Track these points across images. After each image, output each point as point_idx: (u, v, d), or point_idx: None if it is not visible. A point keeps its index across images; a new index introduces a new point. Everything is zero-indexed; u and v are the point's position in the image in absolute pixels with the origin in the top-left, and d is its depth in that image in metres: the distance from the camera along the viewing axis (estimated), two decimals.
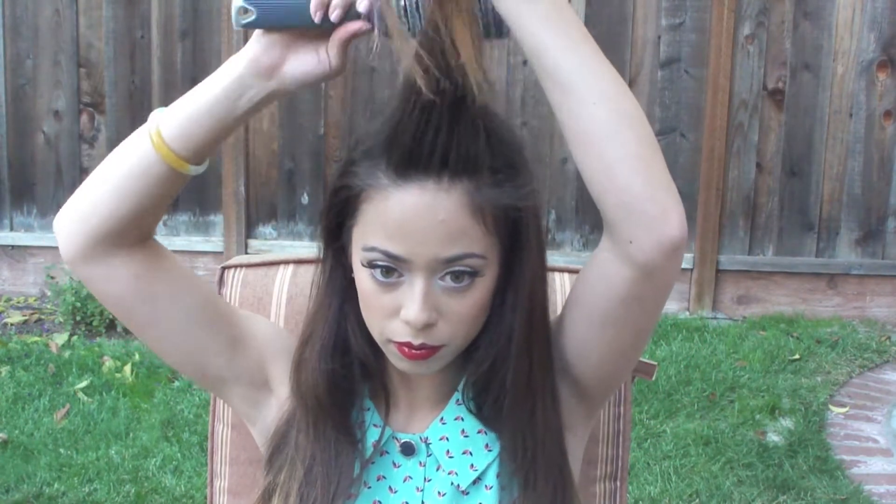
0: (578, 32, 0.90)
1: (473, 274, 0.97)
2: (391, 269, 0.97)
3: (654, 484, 2.99)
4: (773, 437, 3.31)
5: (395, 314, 0.98)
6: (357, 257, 0.99)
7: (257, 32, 0.95)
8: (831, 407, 3.54)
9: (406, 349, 0.99)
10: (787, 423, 3.40)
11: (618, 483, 1.35)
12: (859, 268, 4.48)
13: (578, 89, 0.89)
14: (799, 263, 4.51)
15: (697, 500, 2.95)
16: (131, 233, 1.00)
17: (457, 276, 0.97)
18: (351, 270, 1.04)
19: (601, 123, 0.89)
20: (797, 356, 3.94)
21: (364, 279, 0.99)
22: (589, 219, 4.47)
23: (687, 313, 4.47)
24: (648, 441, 3.23)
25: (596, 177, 0.90)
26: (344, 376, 1.06)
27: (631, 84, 4.45)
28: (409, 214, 0.94)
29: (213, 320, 1.07)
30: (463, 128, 0.94)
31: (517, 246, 1.01)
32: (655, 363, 1.26)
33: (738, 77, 4.41)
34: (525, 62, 4.41)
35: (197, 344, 1.07)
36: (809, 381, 3.73)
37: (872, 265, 4.49)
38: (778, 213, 4.51)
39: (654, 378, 1.24)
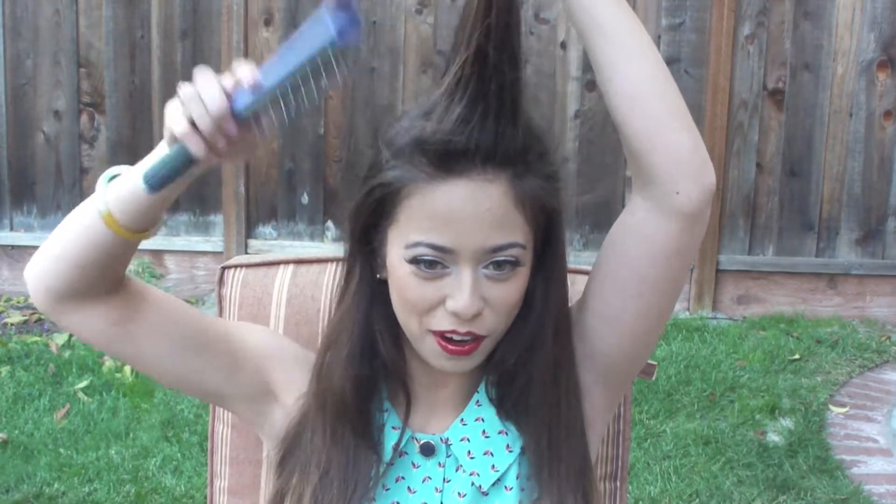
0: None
1: (514, 263, 0.98)
2: (435, 261, 0.97)
3: (654, 484, 2.99)
4: (773, 437, 3.31)
5: (438, 305, 0.99)
6: (397, 256, 0.99)
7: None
8: (831, 407, 3.54)
9: (449, 346, 0.99)
10: (787, 423, 3.40)
11: (618, 483, 1.35)
12: (859, 268, 4.48)
13: (629, 44, 0.94)
14: (799, 263, 4.51)
15: (697, 500, 2.95)
16: (96, 289, 1.00)
17: (499, 265, 0.98)
18: (378, 272, 1.04)
19: (649, 77, 0.94)
20: (797, 356, 3.94)
21: (404, 275, 0.99)
22: (589, 219, 4.47)
23: (687, 313, 4.47)
24: (648, 441, 3.23)
25: (644, 133, 0.94)
26: (369, 381, 1.06)
27: None
28: (456, 205, 0.95)
29: (202, 346, 1.07)
30: (507, 119, 0.95)
31: (550, 237, 1.03)
32: (655, 363, 1.26)
33: (738, 77, 4.41)
34: (525, 62, 4.40)
35: (188, 370, 1.07)
36: (809, 381, 3.73)
37: (872, 265, 4.49)
38: (778, 213, 4.51)
39: (654, 378, 1.24)
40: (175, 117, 0.89)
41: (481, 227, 0.96)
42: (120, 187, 0.95)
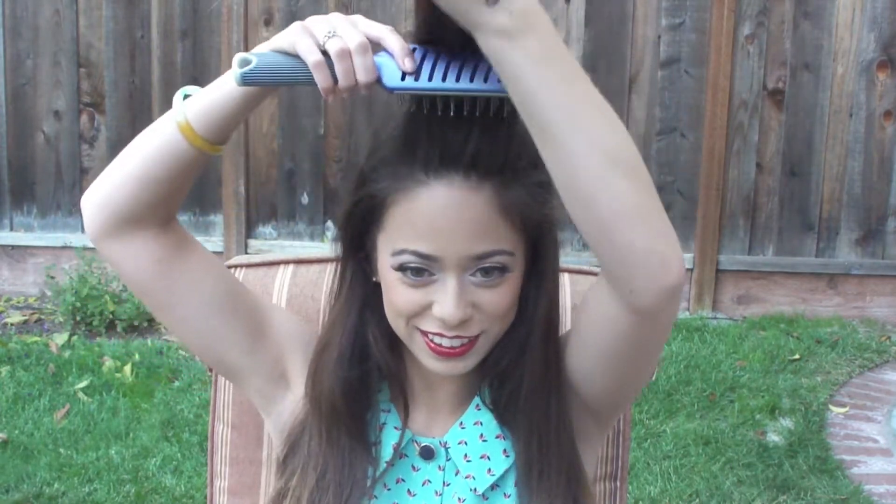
0: (570, 71, 0.82)
1: (503, 269, 0.98)
2: (422, 269, 0.97)
3: (654, 484, 2.99)
4: (773, 437, 3.31)
5: (425, 309, 0.98)
6: (385, 262, 0.99)
7: None
8: (831, 407, 3.54)
9: (440, 348, 0.99)
10: (787, 423, 3.40)
11: (618, 483, 1.35)
12: (859, 268, 4.48)
13: (570, 140, 0.82)
14: (799, 263, 4.51)
15: (697, 500, 2.95)
16: (154, 214, 1.00)
17: (486, 271, 0.97)
18: (372, 275, 1.04)
19: (595, 177, 0.83)
20: (797, 356, 3.94)
21: (392, 281, 0.99)
22: None
23: (687, 313, 4.47)
24: (648, 441, 3.23)
25: (592, 233, 0.86)
26: (361, 383, 1.06)
27: (631, 84, 4.45)
28: (439, 212, 0.94)
29: (234, 310, 1.07)
30: (491, 126, 0.94)
31: (540, 242, 1.02)
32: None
33: (738, 77, 4.41)
34: None
35: (216, 332, 1.06)
36: (809, 381, 3.73)
37: (872, 265, 4.49)
38: (778, 213, 4.51)
39: (653, 378, 1.24)
40: (309, 44, 0.88)
41: (466, 235, 0.95)
42: (200, 99, 0.96)
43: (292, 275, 1.32)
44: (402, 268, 0.97)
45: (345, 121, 4.53)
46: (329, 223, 4.59)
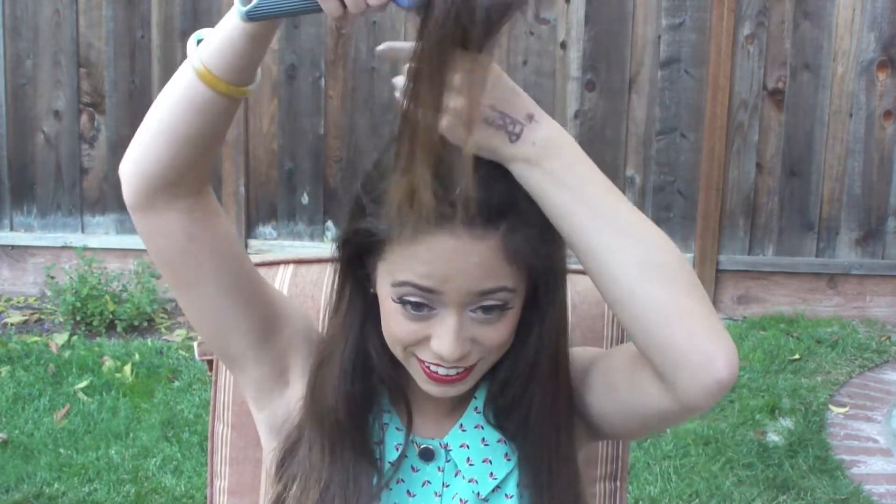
0: (593, 191, 0.89)
1: (503, 307, 0.96)
2: (422, 303, 0.95)
3: (654, 484, 2.99)
4: (773, 437, 3.31)
5: (423, 341, 0.97)
6: (385, 290, 0.97)
7: None
8: (831, 407, 3.54)
9: (436, 374, 0.98)
10: (787, 423, 3.40)
11: (618, 483, 1.35)
12: (859, 268, 4.48)
13: (597, 255, 0.89)
14: (799, 263, 4.51)
15: (697, 500, 2.95)
16: (186, 178, 0.95)
17: (487, 309, 0.96)
18: (371, 288, 1.02)
19: (632, 286, 0.88)
20: (797, 356, 3.94)
21: (392, 311, 0.97)
22: None
23: None
24: (648, 441, 3.23)
25: (634, 335, 0.91)
26: (364, 397, 1.05)
27: (631, 84, 4.45)
28: (442, 256, 0.92)
29: (252, 297, 1.04)
30: (490, 177, 0.90)
31: (545, 277, 1.00)
32: None
33: (738, 77, 4.41)
34: (525, 62, 4.41)
35: (230, 316, 1.04)
36: (809, 381, 3.73)
37: (872, 265, 4.49)
38: (778, 213, 4.51)
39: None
40: None
41: (469, 276, 0.93)
42: (212, 41, 0.90)
43: (292, 275, 1.32)
44: (402, 300, 0.95)
45: (345, 121, 4.53)
46: (329, 223, 4.59)
